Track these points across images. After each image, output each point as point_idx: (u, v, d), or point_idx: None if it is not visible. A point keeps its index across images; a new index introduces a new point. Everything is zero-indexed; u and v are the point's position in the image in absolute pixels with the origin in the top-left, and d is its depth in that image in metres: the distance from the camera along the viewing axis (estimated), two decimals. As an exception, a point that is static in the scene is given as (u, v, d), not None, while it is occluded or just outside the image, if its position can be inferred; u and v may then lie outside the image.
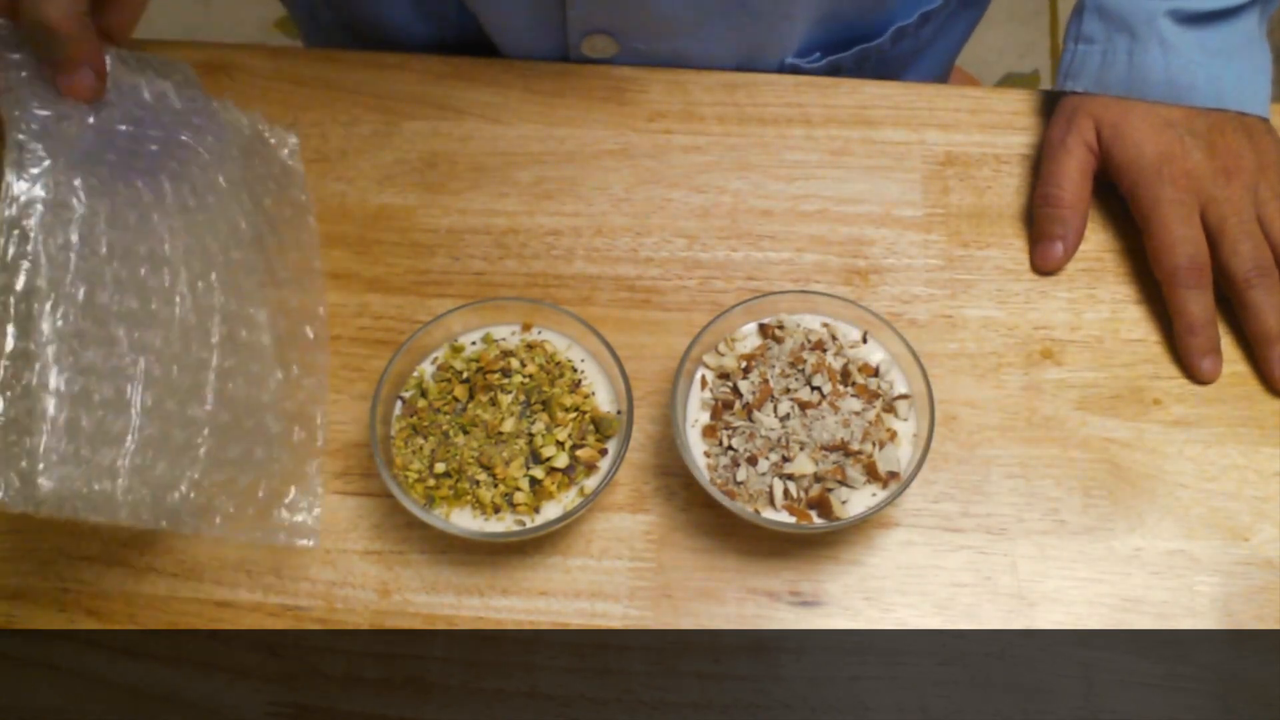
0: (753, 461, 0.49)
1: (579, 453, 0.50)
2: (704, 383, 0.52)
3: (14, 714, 0.49)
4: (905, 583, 0.51)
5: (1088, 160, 0.60)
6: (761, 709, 0.49)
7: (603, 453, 0.50)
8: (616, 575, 0.52)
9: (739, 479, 0.49)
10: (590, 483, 0.50)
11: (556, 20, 0.64)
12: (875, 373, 0.52)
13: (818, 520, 0.49)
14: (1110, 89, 0.60)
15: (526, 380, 0.51)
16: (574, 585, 0.51)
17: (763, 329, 0.53)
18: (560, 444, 0.50)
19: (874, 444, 0.49)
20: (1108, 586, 0.51)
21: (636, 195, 0.62)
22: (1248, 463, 0.54)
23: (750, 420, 0.50)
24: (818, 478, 0.49)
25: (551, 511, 0.49)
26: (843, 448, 0.49)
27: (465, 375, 0.52)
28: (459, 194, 0.62)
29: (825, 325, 0.53)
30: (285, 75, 0.66)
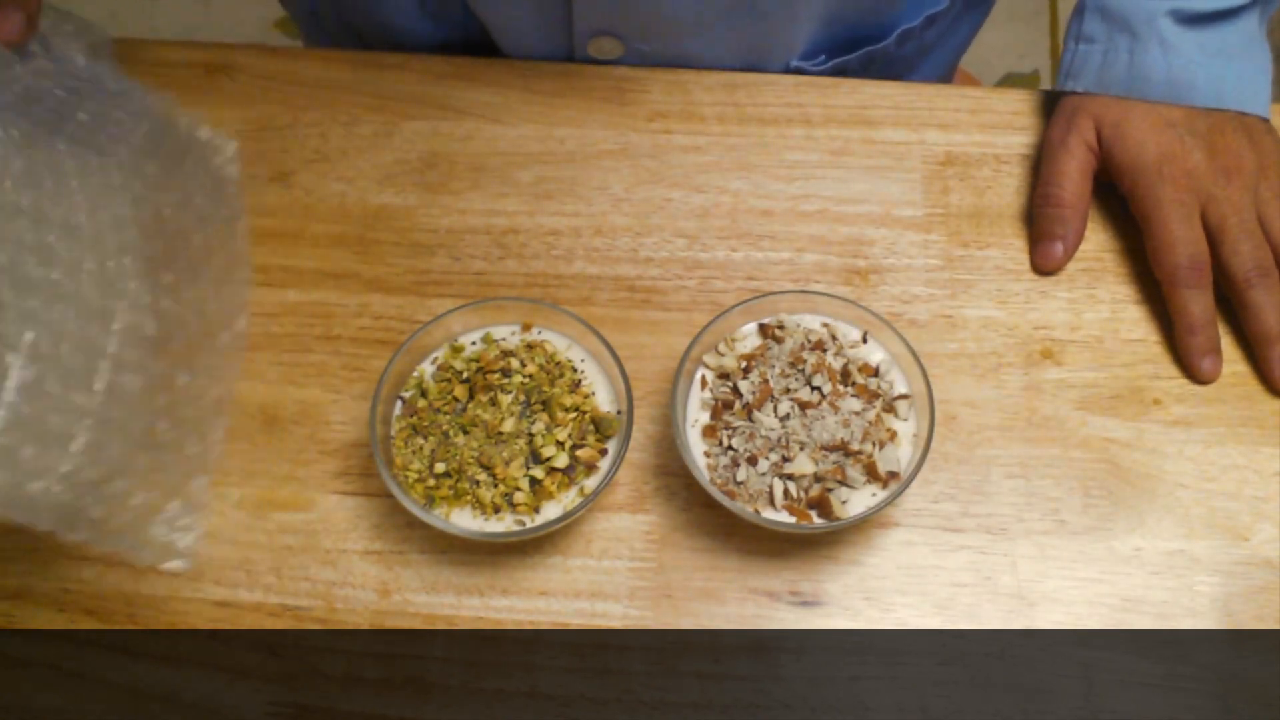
0: (753, 461, 0.49)
1: (579, 453, 0.50)
2: (704, 383, 0.52)
3: (14, 714, 0.49)
4: (905, 583, 0.51)
5: (1088, 160, 0.60)
6: (761, 709, 0.49)
7: (603, 453, 0.50)
8: (616, 575, 0.52)
9: (739, 479, 0.49)
10: (590, 483, 0.50)
11: (562, 22, 0.64)
12: (875, 373, 0.52)
13: (818, 520, 0.49)
14: (1111, 89, 0.60)
15: (526, 380, 0.51)
16: (574, 585, 0.51)
17: (763, 329, 0.53)
18: (560, 444, 0.50)
19: (874, 444, 0.49)
20: (1108, 586, 0.51)
21: (636, 195, 0.62)
22: (1248, 463, 0.54)
23: (750, 420, 0.50)
24: (818, 478, 0.49)
25: (551, 511, 0.49)
26: (843, 448, 0.49)
27: (465, 375, 0.52)
28: (459, 194, 0.62)
29: (825, 325, 0.53)
30: (285, 75, 0.66)
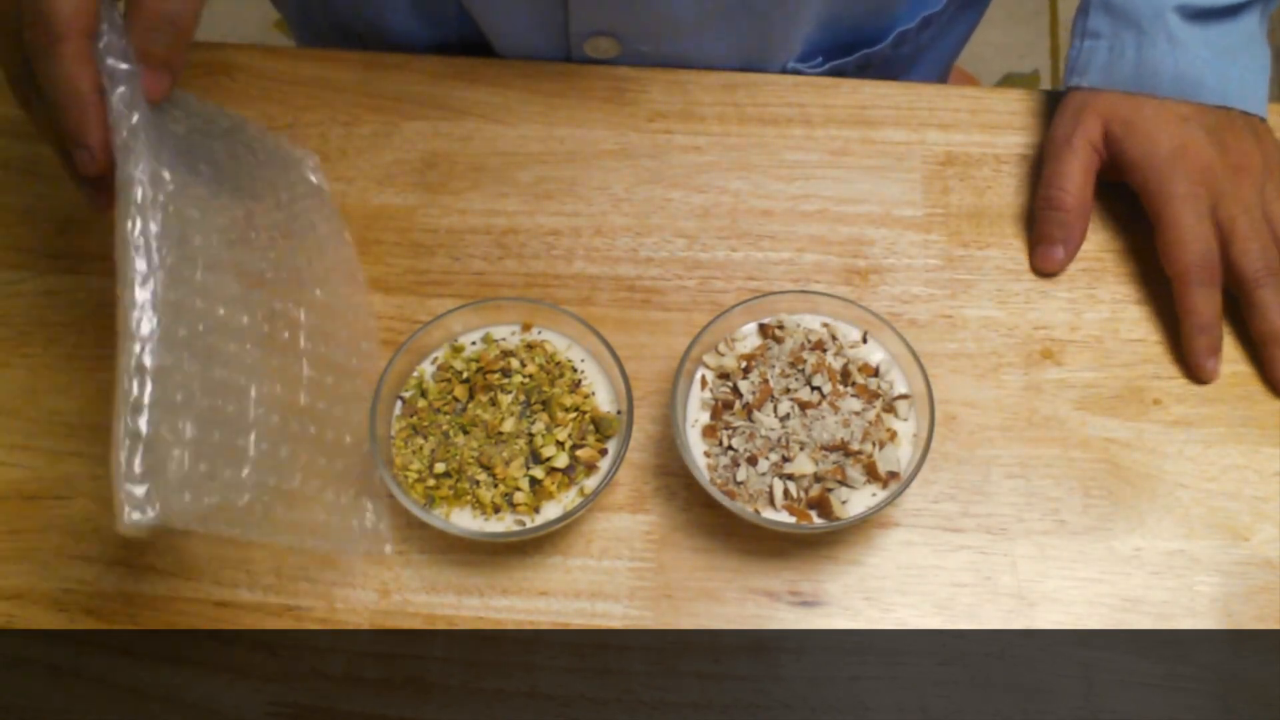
0: (753, 461, 0.49)
1: (579, 453, 0.50)
2: (704, 383, 0.52)
3: (14, 714, 0.49)
4: (905, 583, 0.51)
5: (1092, 160, 0.60)
6: (761, 709, 0.49)
7: (603, 453, 0.50)
8: (616, 575, 0.52)
9: (739, 479, 0.49)
10: (590, 483, 0.50)
11: (558, 22, 0.64)
12: (875, 373, 0.52)
13: (818, 520, 0.49)
14: (1118, 84, 0.60)
15: (526, 380, 0.51)
16: (574, 585, 0.51)
17: (763, 329, 0.53)
18: (560, 444, 0.50)
19: (874, 444, 0.49)
20: (1108, 586, 0.51)
21: (636, 195, 0.62)
22: (1248, 463, 0.54)
23: (750, 420, 0.50)
24: (818, 478, 0.49)
25: (551, 511, 0.49)
26: (843, 448, 0.49)
27: (465, 375, 0.52)
28: (459, 194, 0.62)
29: (825, 325, 0.53)
30: (285, 75, 0.66)
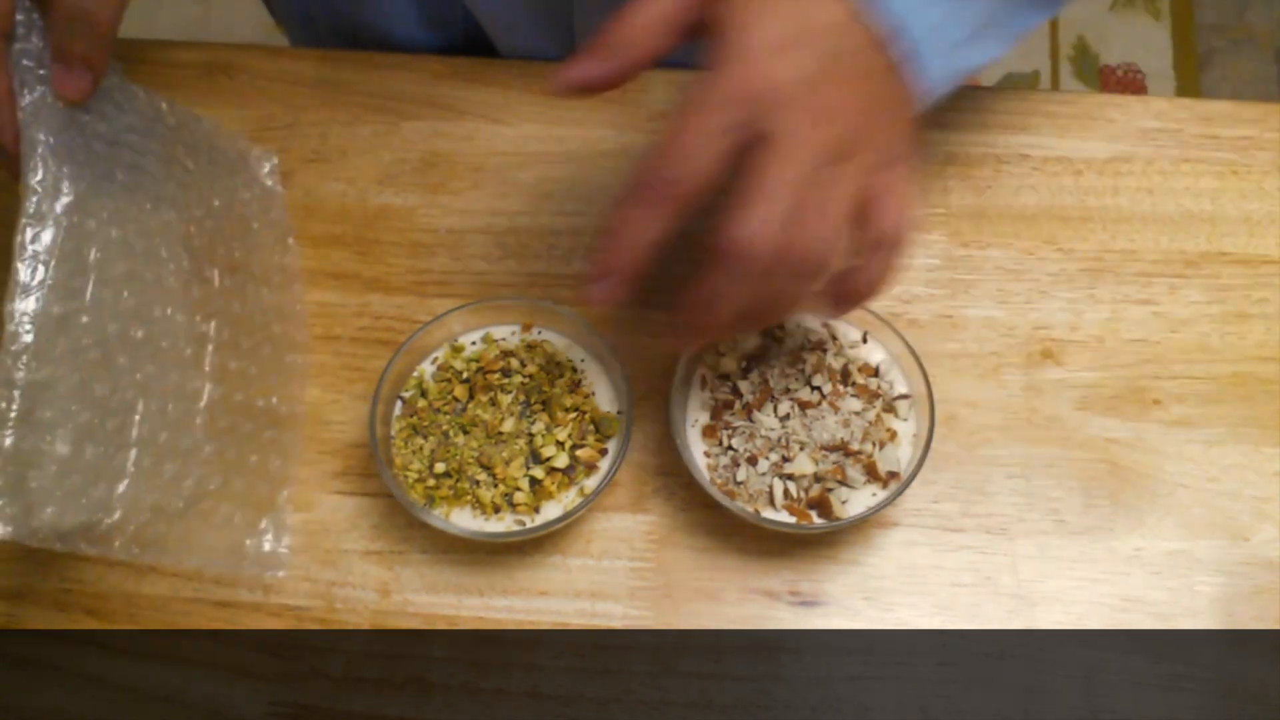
0: (753, 461, 0.49)
1: (579, 453, 0.50)
2: (704, 383, 0.52)
3: (14, 714, 0.49)
4: (905, 583, 0.51)
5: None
6: (762, 709, 0.49)
7: (603, 453, 0.50)
8: (616, 575, 0.52)
9: (739, 479, 0.49)
10: (590, 483, 0.50)
11: (564, 28, 0.64)
12: (875, 373, 0.52)
13: (818, 520, 0.49)
14: None
15: (526, 380, 0.51)
16: (574, 585, 0.51)
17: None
18: (560, 444, 0.50)
19: (874, 444, 0.49)
20: (1108, 586, 0.51)
21: (636, 195, 0.62)
22: (1248, 463, 0.54)
23: (750, 420, 0.50)
24: (818, 478, 0.49)
25: (551, 511, 0.49)
26: (843, 448, 0.49)
27: (465, 375, 0.52)
28: (459, 194, 0.62)
29: (825, 325, 0.53)
30: (285, 75, 0.66)
